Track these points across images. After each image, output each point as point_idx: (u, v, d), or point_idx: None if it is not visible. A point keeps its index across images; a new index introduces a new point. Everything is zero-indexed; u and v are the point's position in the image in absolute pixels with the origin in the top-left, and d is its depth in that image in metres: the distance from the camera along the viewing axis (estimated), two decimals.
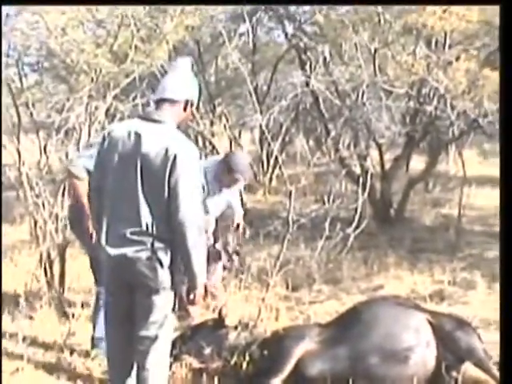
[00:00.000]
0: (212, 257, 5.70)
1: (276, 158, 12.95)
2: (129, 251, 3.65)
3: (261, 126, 13.31)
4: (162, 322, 3.76)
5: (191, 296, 3.77)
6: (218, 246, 5.99)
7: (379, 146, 10.16)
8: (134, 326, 3.81)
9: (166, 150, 3.57)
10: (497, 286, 5.19)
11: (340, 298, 6.82)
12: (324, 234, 7.07)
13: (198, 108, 10.99)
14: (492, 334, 5.29)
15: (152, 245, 3.63)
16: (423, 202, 11.75)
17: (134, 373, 3.94)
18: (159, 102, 3.79)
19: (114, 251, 3.69)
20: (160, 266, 3.64)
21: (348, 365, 4.61)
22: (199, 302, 3.84)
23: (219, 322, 5.12)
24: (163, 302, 3.73)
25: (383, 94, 8.61)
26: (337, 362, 4.62)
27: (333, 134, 9.40)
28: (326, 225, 7.08)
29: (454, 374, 4.61)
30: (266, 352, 4.77)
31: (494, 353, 5.03)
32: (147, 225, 3.63)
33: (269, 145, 12.99)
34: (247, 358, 4.77)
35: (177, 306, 3.81)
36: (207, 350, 4.95)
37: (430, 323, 4.80)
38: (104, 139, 3.79)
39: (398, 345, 4.64)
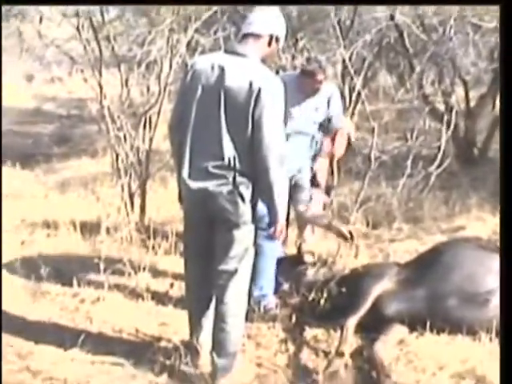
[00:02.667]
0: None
1: (358, 93, 12.72)
2: (210, 185, 3.65)
3: (343, 61, 13.18)
4: (242, 257, 3.79)
5: (272, 229, 3.76)
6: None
7: (465, 83, 9.86)
8: (213, 260, 3.84)
9: (251, 84, 3.53)
10: None
11: (420, 238, 6.70)
12: (406, 171, 7.00)
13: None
14: None
15: (234, 179, 3.63)
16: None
17: (212, 306, 3.99)
18: (244, 37, 3.75)
19: (196, 184, 3.69)
20: (241, 200, 3.64)
21: (426, 306, 4.56)
22: (280, 236, 3.84)
23: (298, 258, 5.13)
24: (243, 236, 3.75)
25: (471, 28, 8.30)
26: (414, 303, 4.58)
27: (417, 69, 9.10)
28: (408, 162, 7.00)
29: None
30: (344, 289, 4.76)
31: None
32: (229, 159, 3.62)
33: (351, 79, 12.76)
34: (325, 294, 4.78)
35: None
36: (285, 286, 4.98)
37: None
38: (187, 72, 3.77)
39: (479, 287, 4.56)
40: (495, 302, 4.52)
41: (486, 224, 7.15)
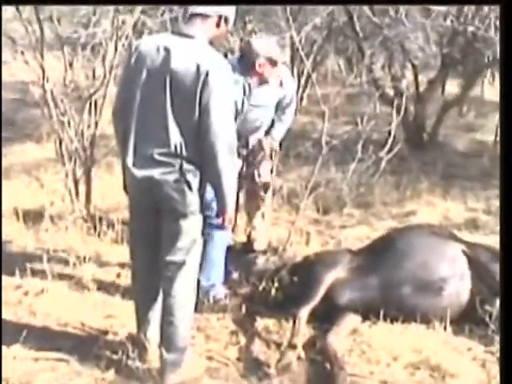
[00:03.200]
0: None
1: (308, 76, 12.63)
2: (156, 173, 3.47)
3: (292, 44, 13.06)
4: (190, 248, 3.63)
5: (221, 218, 3.63)
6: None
7: (414, 68, 9.82)
8: (160, 251, 3.68)
9: (198, 66, 3.35)
10: None
11: (371, 224, 6.64)
12: (356, 156, 6.90)
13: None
14: None
15: (181, 167, 3.46)
16: (457, 126, 11.43)
17: (160, 299, 3.84)
18: (191, 17, 3.55)
19: (141, 173, 3.51)
20: (188, 188, 3.48)
21: (379, 294, 4.49)
22: (229, 225, 3.71)
23: (248, 246, 5.01)
24: (191, 226, 3.59)
25: (421, 13, 8.26)
26: (368, 291, 4.50)
27: (367, 53, 9.03)
28: (359, 147, 6.90)
29: (488, 308, 4.45)
30: (295, 278, 4.65)
31: None
32: (176, 145, 3.44)
33: (301, 62, 12.66)
34: (276, 283, 4.66)
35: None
36: (235, 275, 4.85)
37: (466, 254, 4.65)
38: (131, 54, 3.57)
39: (433, 275, 4.50)
40: (449, 289, 4.49)
41: (436, 209, 7.14)
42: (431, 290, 4.47)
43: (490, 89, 13.83)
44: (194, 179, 3.49)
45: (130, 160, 3.54)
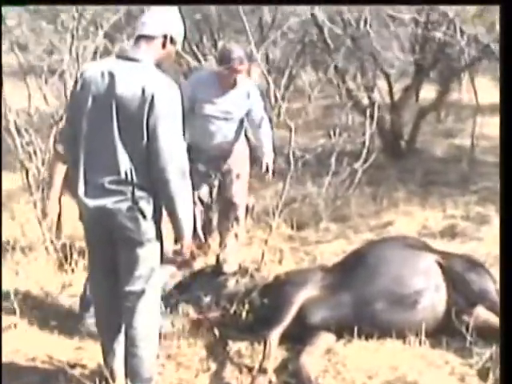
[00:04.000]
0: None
1: (284, 91, 12.59)
2: (108, 202, 3.37)
3: (267, 60, 13.02)
4: (149, 276, 3.51)
5: (178, 246, 3.52)
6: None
7: (387, 76, 9.77)
8: (119, 281, 3.57)
9: (143, 90, 3.26)
10: None
11: (348, 237, 6.55)
12: (330, 169, 6.84)
13: (197, 45, 10.63)
14: None
15: (132, 194, 3.35)
16: (435, 132, 11.37)
17: (123, 330, 3.72)
18: (137, 40, 3.46)
19: (93, 202, 3.41)
20: (142, 216, 3.38)
21: (352, 311, 4.37)
22: (187, 253, 3.60)
23: (217, 269, 4.90)
24: (148, 254, 3.48)
25: (389, 20, 8.20)
26: (340, 309, 4.39)
27: (339, 65, 9.01)
28: (333, 160, 6.84)
29: (466, 318, 4.36)
30: (265, 300, 4.54)
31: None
32: (126, 172, 3.34)
33: (277, 76, 12.63)
34: (247, 306, 4.55)
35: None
36: (206, 299, 4.73)
37: (440, 265, 4.55)
38: (77, 80, 3.46)
39: (406, 289, 4.39)
40: (424, 302, 4.38)
41: (414, 218, 7.05)
42: (406, 304, 4.36)
43: (468, 92, 13.79)
44: (147, 206, 3.38)
45: (81, 190, 3.43)
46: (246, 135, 5.62)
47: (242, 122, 5.45)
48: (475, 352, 4.14)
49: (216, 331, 4.47)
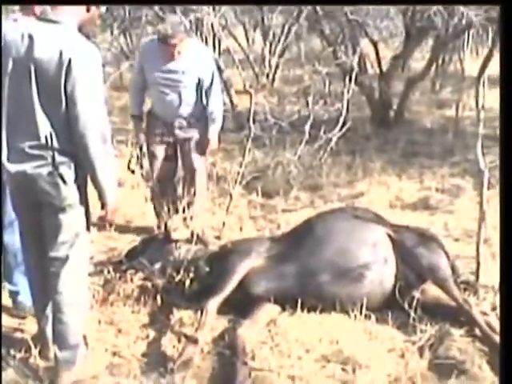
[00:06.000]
0: None
1: (279, 57, 12.47)
2: (28, 167, 3.29)
3: (263, 26, 12.87)
4: (73, 242, 3.46)
5: (103, 212, 3.45)
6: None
7: (375, 44, 9.58)
8: (45, 247, 3.51)
9: (60, 54, 3.15)
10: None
11: (317, 206, 6.46)
12: (304, 137, 6.75)
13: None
14: (471, 247, 4.92)
15: (53, 159, 3.28)
16: (428, 103, 11.20)
17: None
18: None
19: (15, 167, 3.33)
20: (62, 181, 3.30)
21: (296, 283, 4.30)
22: (113, 219, 3.54)
23: (167, 236, 4.82)
24: (71, 220, 3.42)
25: None
26: (285, 280, 4.32)
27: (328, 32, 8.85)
28: (306, 128, 6.75)
29: (415, 293, 4.29)
30: (208, 268, 4.47)
31: (469, 268, 4.75)
32: (46, 137, 3.26)
33: (270, 45, 12.50)
34: (191, 274, 4.47)
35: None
36: (154, 266, 4.66)
37: (391, 238, 4.46)
38: None
39: (352, 261, 4.31)
40: (371, 276, 4.30)
41: (388, 189, 6.95)
42: (351, 277, 4.28)
43: (471, 64, 13.53)
44: (68, 171, 3.31)
45: (3, 155, 3.35)
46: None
47: (198, 88, 5.31)
48: (419, 329, 4.06)
49: (159, 298, 4.41)
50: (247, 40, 14.00)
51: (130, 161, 5.59)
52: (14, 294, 4.39)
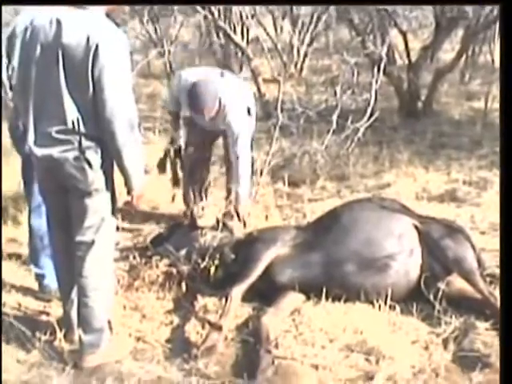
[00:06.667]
0: None
1: (307, 47, 12.45)
2: (55, 151, 3.32)
3: (291, 15, 12.83)
4: (99, 226, 3.49)
5: (129, 198, 3.48)
6: None
7: (404, 35, 9.51)
8: (71, 231, 3.54)
9: (88, 39, 3.17)
10: None
11: (343, 196, 6.44)
12: (331, 127, 6.72)
13: None
14: (497, 240, 4.85)
15: (79, 144, 3.30)
16: (457, 94, 11.10)
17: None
18: None
19: (41, 151, 3.36)
20: (89, 166, 3.33)
21: (321, 272, 4.29)
22: (138, 205, 3.55)
23: (192, 223, 4.84)
24: (97, 204, 3.45)
25: None
26: (309, 269, 4.31)
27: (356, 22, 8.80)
28: (334, 117, 6.73)
29: (440, 285, 4.25)
30: (233, 256, 4.47)
31: (495, 261, 4.70)
32: (73, 122, 3.28)
33: (299, 34, 12.47)
34: (216, 261, 4.48)
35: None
36: (180, 253, 4.67)
37: (417, 229, 4.42)
38: (26, 28, 3.35)
39: (378, 252, 4.28)
40: (396, 267, 4.27)
41: (416, 181, 6.90)
42: (376, 268, 4.25)
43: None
44: (94, 156, 3.33)
45: (31, 139, 3.38)
46: None
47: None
48: (444, 321, 4.04)
49: (183, 285, 4.42)
50: (275, 29, 13.94)
51: (163, 158, 5.55)
52: (40, 277, 4.44)
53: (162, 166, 5.49)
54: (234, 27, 11.26)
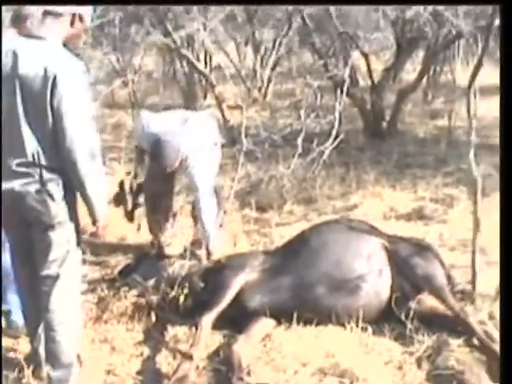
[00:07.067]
0: None
1: (270, 72, 12.52)
2: (16, 185, 3.27)
3: (254, 41, 12.90)
4: (64, 259, 3.42)
5: (94, 228, 3.43)
6: None
7: (366, 56, 9.59)
8: (35, 265, 3.47)
9: (45, 70, 3.14)
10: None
11: (311, 219, 6.41)
12: (296, 151, 6.72)
13: None
14: (467, 256, 4.87)
15: (41, 176, 3.25)
16: (421, 114, 11.20)
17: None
18: (43, 16, 3.31)
19: (3, 185, 3.30)
20: (51, 199, 3.27)
21: (291, 296, 4.26)
22: (104, 235, 3.51)
23: (160, 252, 4.79)
24: (61, 237, 3.39)
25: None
26: (280, 293, 4.28)
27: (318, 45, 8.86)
28: (299, 141, 6.74)
29: (411, 304, 4.24)
30: (202, 284, 4.43)
31: (465, 277, 4.70)
32: (33, 155, 3.24)
33: (262, 59, 12.55)
34: (185, 290, 4.43)
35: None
36: (148, 283, 4.62)
37: (386, 249, 4.42)
38: None
39: (348, 273, 4.27)
40: (366, 288, 4.25)
41: (382, 200, 6.92)
42: (347, 289, 4.24)
43: (462, 73, 13.56)
44: (56, 188, 3.28)
45: None
46: None
47: None
48: (416, 340, 4.03)
49: (153, 315, 4.37)
50: (239, 55, 14.00)
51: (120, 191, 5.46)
52: (6, 314, 4.35)
53: (117, 199, 5.39)
54: (197, 55, 11.30)
